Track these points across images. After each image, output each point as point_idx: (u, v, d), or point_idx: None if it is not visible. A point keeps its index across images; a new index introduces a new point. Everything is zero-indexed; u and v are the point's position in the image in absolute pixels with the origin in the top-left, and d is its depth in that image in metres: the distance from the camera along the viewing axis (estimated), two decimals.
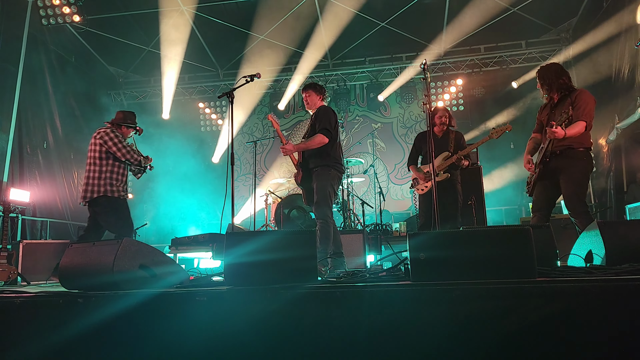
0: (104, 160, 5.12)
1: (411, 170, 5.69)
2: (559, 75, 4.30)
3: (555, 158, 4.18)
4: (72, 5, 8.88)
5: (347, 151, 10.60)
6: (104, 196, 5.03)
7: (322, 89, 4.91)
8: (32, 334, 2.43)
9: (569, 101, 4.20)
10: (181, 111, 11.82)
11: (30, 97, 8.82)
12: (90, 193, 5.02)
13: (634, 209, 6.58)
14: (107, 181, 5.07)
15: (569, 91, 4.27)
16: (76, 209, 10.16)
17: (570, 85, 4.30)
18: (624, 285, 2.03)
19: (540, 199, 4.32)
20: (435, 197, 4.20)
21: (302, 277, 2.55)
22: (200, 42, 10.43)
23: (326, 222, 4.39)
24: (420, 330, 2.09)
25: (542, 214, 4.31)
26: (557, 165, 4.16)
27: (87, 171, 5.12)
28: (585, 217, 4.03)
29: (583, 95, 4.19)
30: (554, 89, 4.31)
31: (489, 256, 2.38)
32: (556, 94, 4.32)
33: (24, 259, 5.78)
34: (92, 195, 5.01)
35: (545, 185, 4.28)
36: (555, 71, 4.34)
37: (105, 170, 5.10)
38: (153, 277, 2.92)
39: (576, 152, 4.12)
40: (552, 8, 9.31)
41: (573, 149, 4.12)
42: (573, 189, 4.09)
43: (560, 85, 4.28)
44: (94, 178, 5.05)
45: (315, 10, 9.37)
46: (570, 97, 4.21)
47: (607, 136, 8.42)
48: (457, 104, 10.85)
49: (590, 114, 4.10)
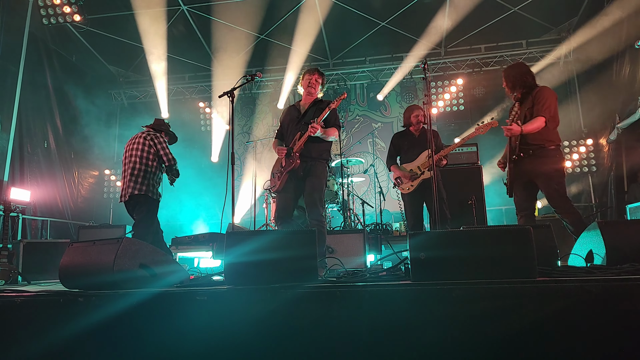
0: (150, 162, 5.27)
1: (392, 170, 5.62)
2: (522, 75, 4.37)
3: (529, 158, 4.23)
4: (73, 5, 8.88)
5: (347, 151, 10.59)
6: (145, 195, 5.17)
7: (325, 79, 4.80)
8: (33, 333, 2.43)
9: (530, 99, 4.27)
10: (181, 110, 11.83)
11: (31, 97, 8.83)
12: (132, 190, 5.13)
13: (635, 209, 6.57)
14: (150, 182, 5.23)
15: (531, 89, 4.33)
16: (76, 208, 10.18)
17: (533, 83, 4.37)
18: (625, 285, 2.03)
19: (522, 199, 4.35)
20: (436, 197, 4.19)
21: (302, 277, 2.55)
22: (200, 40, 10.44)
23: (322, 224, 4.33)
24: (420, 329, 2.09)
25: (527, 213, 4.34)
26: (531, 165, 4.21)
27: (130, 169, 5.20)
28: (571, 212, 4.09)
29: (543, 91, 4.26)
30: (517, 87, 4.38)
31: (490, 256, 2.38)
32: (519, 93, 4.38)
33: (25, 259, 5.78)
34: (134, 192, 5.12)
35: (525, 185, 4.32)
36: (519, 71, 4.42)
37: (150, 171, 5.25)
38: (153, 277, 2.92)
39: (548, 151, 4.18)
40: (552, 7, 9.30)
41: (544, 148, 4.18)
42: (554, 187, 4.13)
43: (523, 84, 4.34)
44: (139, 177, 5.16)
45: (315, 9, 9.37)
46: (531, 95, 4.27)
47: (607, 136, 8.42)
48: (457, 103, 10.84)
49: (549, 109, 4.15)
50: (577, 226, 3.98)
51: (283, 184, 4.40)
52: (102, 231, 7.83)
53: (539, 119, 4.10)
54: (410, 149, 5.56)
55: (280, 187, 4.42)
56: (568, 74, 10.13)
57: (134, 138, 5.39)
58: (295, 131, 4.50)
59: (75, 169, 10.40)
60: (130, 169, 5.20)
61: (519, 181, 4.32)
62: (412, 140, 5.60)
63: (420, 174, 5.32)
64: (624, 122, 7.56)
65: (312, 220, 4.30)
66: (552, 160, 4.17)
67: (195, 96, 11.78)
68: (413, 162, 5.44)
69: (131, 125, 11.45)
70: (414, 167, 5.41)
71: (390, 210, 10.13)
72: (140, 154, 5.25)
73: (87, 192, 10.88)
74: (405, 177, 5.44)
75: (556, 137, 4.24)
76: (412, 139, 5.61)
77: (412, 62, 10.64)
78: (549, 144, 4.18)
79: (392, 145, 5.77)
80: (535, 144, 4.18)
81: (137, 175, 5.16)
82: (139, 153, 5.25)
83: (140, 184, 5.15)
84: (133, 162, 5.22)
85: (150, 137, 5.33)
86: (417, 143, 5.53)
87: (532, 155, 4.20)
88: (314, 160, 4.41)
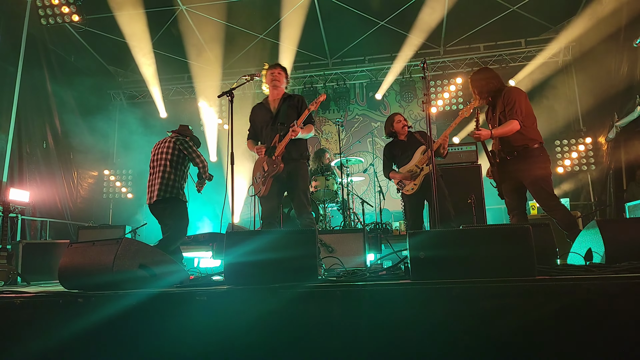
0: (180, 165, 5.34)
1: (392, 177, 5.63)
2: (487, 80, 4.40)
3: (514, 159, 4.25)
4: (71, 5, 8.86)
5: (346, 150, 10.59)
6: (175, 198, 5.23)
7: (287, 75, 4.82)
8: (32, 334, 2.43)
9: (500, 102, 4.29)
10: (181, 110, 11.83)
11: (30, 97, 8.82)
12: (164, 192, 5.17)
13: (634, 207, 6.58)
14: (179, 184, 5.31)
15: (499, 92, 4.35)
16: (76, 209, 10.18)
17: (500, 87, 4.39)
18: (624, 283, 2.03)
19: (512, 199, 4.37)
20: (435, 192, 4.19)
21: (302, 276, 2.55)
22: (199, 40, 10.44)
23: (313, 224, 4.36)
24: (420, 329, 2.09)
25: (518, 212, 4.37)
26: (516, 166, 4.23)
27: (160, 172, 5.26)
28: (559, 209, 4.12)
29: (510, 93, 4.28)
30: (484, 93, 4.41)
31: (489, 255, 2.38)
32: (487, 98, 4.42)
33: (24, 259, 5.76)
34: (165, 195, 5.17)
35: (513, 187, 4.33)
36: (484, 76, 4.45)
37: (179, 174, 5.33)
38: (153, 277, 2.92)
39: (532, 150, 4.19)
40: (551, 6, 9.30)
41: (528, 148, 4.19)
42: (540, 185, 4.14)
43: (489, 89, 4.37)
44: (169, 179, 5.23)
45: (314, 9, 9.37)
46: (501, 98, 4.30)
47: (606, 134, 8.42)
48: (456, 102, 10.84)
49: (519, 110, 4.17)
50: (566, 223, 4.02)
51: (268, 189, 4.41)
52: (102, 231, 7.83)
53: (511, 122, 4.13)
54: (402, 153, 5.60)
55: (266, 192, 4.42)
56: (566, 73, 10.14)
57: (162, 142, 5.47)
58: (272, 133, 4.48)
59: (75, 169, 10.40)
60: (161, 172, 5.26)
61: (507, 183, 4.35)
62: (402, 145, 5.65)
63: (420, 171, 5.33)
64: (622, 121, 7.56)
65: (304, 222, 4.34)
66: (537, 159, 4.18)
67: (194, 96, 11.77)
68: (410, 164, 5.46)
69: (130, 125, 11.45)
70: (411, 166, 5.42)
71: (390, 210, 10.14)
72: (170, 157, 5.31)
73: (86, 193, 10.87)
74: (406, 179, 5.45)
75: (537, 135, 4.25)
76: (401, 144, 5.66)
77: (411, 61, 10.65)
78: (532, 142, 4.19)
79: (385, 158, 5.81)
80: (518, 145, 4.20)
81: (168, 178, 5.22)
82: (169, 157, 5.31)
83: (171, 187, 5.22)
84: (163, 166, 5.28)
85: (180, 141, 5.39)
86: (408, 146, 5.57)
87: (517, 156, 4.22)
88: (296, 161, 4.45)
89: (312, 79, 11.27)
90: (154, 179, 5.28)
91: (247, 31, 9.91)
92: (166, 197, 5.18)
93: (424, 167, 5.32)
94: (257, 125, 4.71)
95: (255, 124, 4.74)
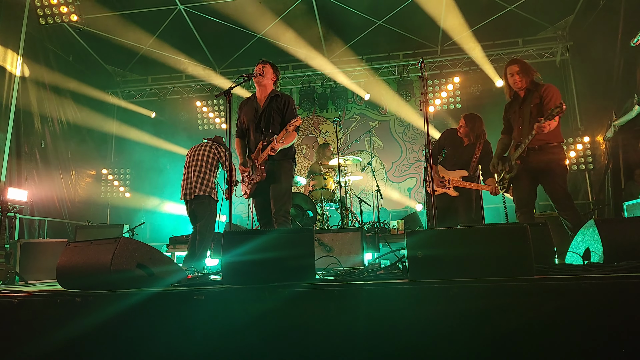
0: (214, 168, 5.98)
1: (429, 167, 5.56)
2: (533, 72, 4.41)
3: (534, 154, 4.25)
4: (70, 5, 8.84)
5: (344, 149, 10.59)
6: (209, 196, 5.83)
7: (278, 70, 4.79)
8: (30, 334, 2.43)
9: (536, 95, 4.28)
10: (179, 110, 11.81)
11: (28, 97, 8.80)
12: (199, 190, 5.76)
13: (632, 206, 6.58)
14: (213, 185, 5.91)
15: (536, 87, 4.36)
16: (74, 208, 10.15)
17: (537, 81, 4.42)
18: (622, 283, 2.04)
19: (524, 196, 4.37)
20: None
21: (300, 276, 2.55)
22: (197, 40, 10.42)
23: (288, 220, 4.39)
24: (417, 328, 2.09)
25: (528, 210, 4.37)
26: (537, 161, 4.23)
27: (197, 172, 5.84)
28: (573, 210, 4.13)
29: (552, 89, 4.28)
30: (529, 81, 4.38)
31: (487, 254, 2.38)
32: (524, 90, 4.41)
33: (22, 258, 5.76)
34: (200, 192, 5.76)
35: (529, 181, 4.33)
36: (531, 67, 4.45)
37: (213, 176, 5.95)
38: (151, 276, 2.91)
39: (554, 148, 4.21)
40: (548, 6, 9.31)
41: (550, 144, 4.20)
42: (559, 183, 4.16)
43: (532, 81, 4.38)
44: (205, 179, 5.83)
45: (312, 8, 9.36)
46: (538, 92, 4.29)
47: (604, 133, 8.42)
48: (454, 102, 10.84)
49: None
50: (576, 224, 4.00)
51: (253, 191, 4.57)
52: (100, 231, 7.83)
53: (556, 118, 4.10)
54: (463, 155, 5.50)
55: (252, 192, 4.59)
56: (564, 72, 10.15)
57: (199, 146, 6.10)
58: (257, 138, 4.52)
59: (73, 168, 10.36)
60: (197, 172, 5.83)
61: (523, 176, 4.33)
62: (457, 146, 5.58)
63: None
64: (620, 120, 7.56)
65: (279, 217, 4.35)
66: (558, 156, 4.20)
67: (193, 95, 11.76)
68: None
69: (129, 125, 11.44)
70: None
71: (387, 209, 10.15)
72: (207, 159, 5.92)
73: (84, 192, 10.84)
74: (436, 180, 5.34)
75: (560, 134, 4.27)
76: (458, 144, 5.59)
77: (409, 61, 10.65)
78: (554, 140, 4.21)
79: (438, 142, 5.75)
80: (541, 140, 4.20)
81: (203, 178, 5.81)
82: (205, 159, 5.92)
83: (206, 186, 5.80)
84: (199, 166, 5.87)
85: (215, 147, 6.05)
86: (462, 152, 5.50)
87: (538, 150, 4.23)
88: (278, 161, 4.48)
89: (309, 78, 11.26)
90: (190, 177, 5.86)
91: (246, 30, 9.89)
92: (200, 195, 5.76)
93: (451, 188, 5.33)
94: (244, 122, 4.73)
95: (242, 120, 4.76)
